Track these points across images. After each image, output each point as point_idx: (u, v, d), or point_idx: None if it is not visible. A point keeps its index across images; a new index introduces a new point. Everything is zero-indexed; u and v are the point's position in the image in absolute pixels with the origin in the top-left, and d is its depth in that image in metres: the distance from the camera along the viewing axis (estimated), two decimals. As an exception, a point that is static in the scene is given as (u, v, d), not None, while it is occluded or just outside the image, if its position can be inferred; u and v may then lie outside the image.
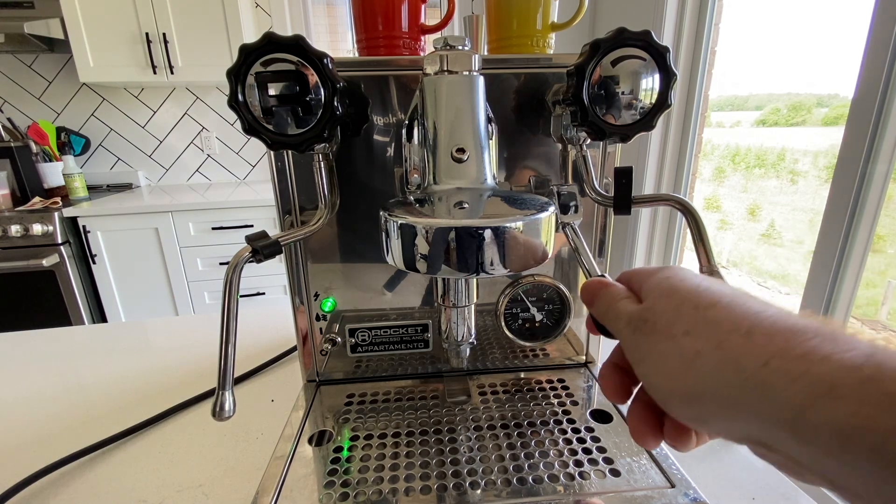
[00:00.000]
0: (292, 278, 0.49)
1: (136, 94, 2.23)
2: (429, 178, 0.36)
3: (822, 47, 1.37)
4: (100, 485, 0.43)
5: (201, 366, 0.64)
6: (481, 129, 0.36)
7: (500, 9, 0.47)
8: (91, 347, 0.71)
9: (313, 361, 0.52)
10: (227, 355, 0.32)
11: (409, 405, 0.49)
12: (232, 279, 0.33)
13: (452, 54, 0.35)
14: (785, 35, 1.48)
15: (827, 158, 1.45)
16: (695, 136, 1.64)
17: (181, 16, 1.86)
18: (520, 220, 0.30)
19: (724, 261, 2.03)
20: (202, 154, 2.36)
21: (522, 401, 0.49)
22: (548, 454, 0.41)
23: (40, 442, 0.49)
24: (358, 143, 0.45)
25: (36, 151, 1.97)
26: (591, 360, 0.56)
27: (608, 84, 0.37)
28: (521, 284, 0.51)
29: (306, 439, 0.43)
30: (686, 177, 1.70)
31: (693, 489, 0.36)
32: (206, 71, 1.95)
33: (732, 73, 1.60)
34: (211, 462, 0.46)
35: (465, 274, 0.30)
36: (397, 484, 0.38)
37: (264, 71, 0.33)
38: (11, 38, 1.82)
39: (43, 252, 1.74)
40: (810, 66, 1.45)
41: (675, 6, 1.55)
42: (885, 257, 1.17)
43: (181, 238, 1.90)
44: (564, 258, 0.52)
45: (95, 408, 0.55)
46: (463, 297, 0.40)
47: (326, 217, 0.41)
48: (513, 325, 0.53)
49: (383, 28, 0.45)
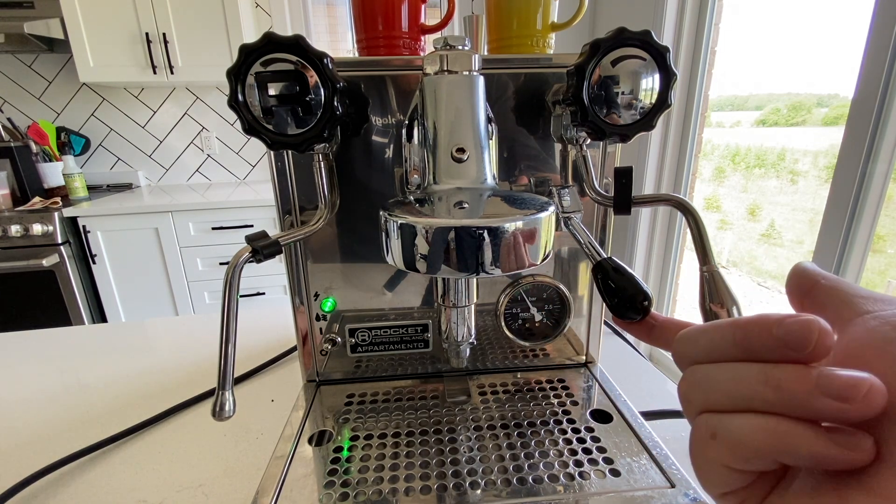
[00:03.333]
0: (292, 278, 0.49)
1: (136, 94, 2.23)
2: (429, 178, 0.36)
3: (822, 47, 1.37)
4: (100, 485, 0.43)
5: (201, 366, 0.64)
6: (481, 129, 0.36)
7: (500, 9, 0.47)
8: (91, 347, 0.71)
9: (313, 361, 0.52)
10: (227, 355, 0.32)
11: (409, 405, 0.49)
12: (232, 279, 0.33)
13: (452, 54, 0.35)
14: (785, 35, 1.48)
15: (827, 158, 1.45)
16: (695, 136, 1.64)
17: (181, 16, 1.86)
18: (520, 220, 0.30)
19: (724, 261, 2.03)
20: (202, 154, 2.36)
21: (522, 401, 0.49)
22: (548, 454, 0.41)
23: (40, 442, 0.49)
24: (358, 143, 0.45)
25: (36, 151, 1.97)
26: (591, 360, 0.56)
27: (608, 84, 0.37)
28: (521, 284, 0.51)
29: (306, 439, 0.43)
30: (686, 177, 1.70)
31: (693, 489, 0.36)
32: (206, 71, 1.95)
33: (732, 73, 1.60)
34: (211, 462, 0.46)
35: (465, 274, 0.30)
36: (397, 484, 0.38)
37: (264, 71, 0.33)
38: (11, 38, 1.82)
39: (43, 252, 1.74)
40: (810, 66, 1.45)
41: (675, 6, 1.55)
42: (885, 257, 1.17)
43: (181, 238, 1.89)
44: (564, 258, 0.52)
45: (95, 408, 0.55)
46: (463, 297, 0.40)
47: (326, 217, 0.41)
48: (513, 325, 0.53)
49: (383, 28, 0.45)
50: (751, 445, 0.13)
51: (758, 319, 0.14)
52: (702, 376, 0.15)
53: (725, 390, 0.15)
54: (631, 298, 0.31)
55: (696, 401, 0.16)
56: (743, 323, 0.15)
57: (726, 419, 0.14)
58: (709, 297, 0.32)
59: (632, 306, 0.31)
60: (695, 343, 0.16)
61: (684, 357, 0.17)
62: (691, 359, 0.16)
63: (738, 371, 0.14)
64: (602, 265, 0.34)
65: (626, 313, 0.31)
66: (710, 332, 0.16)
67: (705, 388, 0.15)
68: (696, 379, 0.16)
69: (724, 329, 0.15)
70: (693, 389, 0.16)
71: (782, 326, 0.13)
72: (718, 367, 0.15)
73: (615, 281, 0.33)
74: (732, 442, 0.14)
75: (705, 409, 0.15)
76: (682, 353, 0.17)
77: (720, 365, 0.15)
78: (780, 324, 0.13)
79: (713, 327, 0.16)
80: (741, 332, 0.15)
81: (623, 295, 0.31)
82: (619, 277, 0.33)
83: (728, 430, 0.14)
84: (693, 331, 0.16)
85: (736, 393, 0.14)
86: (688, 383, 0.16)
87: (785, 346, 0.13)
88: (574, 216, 0.43)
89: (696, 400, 0.16)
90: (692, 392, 0.16)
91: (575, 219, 0.43)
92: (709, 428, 0.15)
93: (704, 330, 0.16)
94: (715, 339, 0.15)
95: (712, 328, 0.16)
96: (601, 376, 0.53)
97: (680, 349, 0.17)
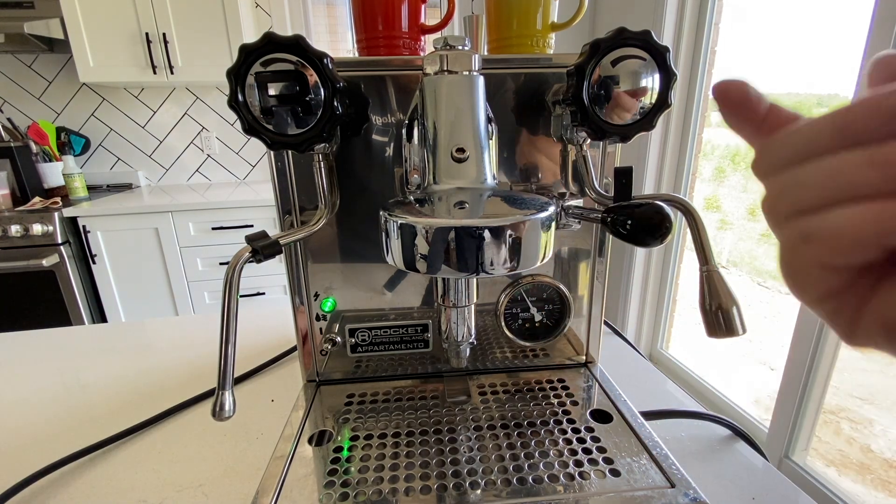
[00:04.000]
0: (292, 278, 0.49)
1: (136, 94, 2.23)
2: (429, 178, 0.36)
3: (822, 47, 1.37)
4: (100, 485, 0.43)
5: (201, 366, 0.64)
6: (481, 129, 0.36)
7: (500, 9, 0.47)
8: (91, 347, 0.71)
9: (313, 361, 0.52)
10: (227, 355, 0.32)
11: (409, 405, 0.49)
12: (232, 279, 0.33)
13: (452, 54, 0.35)
14: (785, 35, 1.48)
15: (827, 158, 1.44)
16: (695, 136, 1.64)
17: (181, 16, 1.86)
18: (520, 220, 0.30)
19: (724, 261, 2.03)
20: (202, 154, 2.36)
21: (522, 401, 0.49)
22: (548, 454, 0.41)
23: (40, 442, 0.49)
24: (358, 143, 0.45)
25: (36, 151, 1.97)
26: (591, 360, 0.56)
27: (608, 84, 0.37)
28: (521, 284, 0.51)
29: (306, 439, 0.43)
30: (686, 177, 1.70)
31: (693, 489, 0.36)
32: (206, 71, 1.95)
33: (732, 72, 1.60)
34: (211, 462, 0.46)
35: (465, 274, 0.30)
36: (397, 484, 0.38)
37: (264, 71, 0.33)
38: (11, 38, 1.82)
39: (43, 252, 1.74)
40: (810, 66, 1.45)
41: (675, 6, 1.55)
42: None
43: (181, 238, 1.89)
44: (564, 258, 0.52)
45: (95, 408, 0.55)
46: (463, 297, 0.40)
47: (326, 217, 0.41)
48: (513, 325, 0.53)
49: (383, 28, 0.45)
50: (852, 235, 0.12)
51: (861, 100, 0.12)
52: (791, 178, 0.13)
53: (821, 184, 0.13)
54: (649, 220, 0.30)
55: (783, 206, 0.14)
56: (845, 108, 0.12)
57: (821, 216, 0.13)
58: (709, 297, 0.32)
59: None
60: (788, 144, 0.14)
61: (773, 164, 0.14)
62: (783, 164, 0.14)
63: (836, 160, 0.12)
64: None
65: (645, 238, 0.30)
66: (806, 128, 0.13)
67: (796, 189, 0.13)
68: (785, 182, 0.14)
69: (823, 122, 0.13)
70: (781, 196, 0.14)
71: (892, 96, 0.11)
72: (813, 163, 0.13)
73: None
74: (831, 237, 0.12)
75: (796, 210, 0.13)
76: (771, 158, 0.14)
77: (815, 161, 0.13)
78: (889, 96, 0.12)
79: (810, 123, 0.13)
80: (842, 118, 0.12)
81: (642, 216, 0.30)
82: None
83: (825, 226, 0.13)
84: (787, 132, 0.14)
85: (833, 184, 0.12)
86: (775, 191, 0.14)
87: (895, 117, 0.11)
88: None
89: (785, 204, 0.14)
90: (780, 199, 0.14)
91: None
92: (801, 231, 0.13)
93: (800, 128, 0.13)
94: (811, 134, 0.13)
95: (809, 124, 0.13)
96: (601, 376, 0.53)
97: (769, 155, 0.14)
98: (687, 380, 1.74)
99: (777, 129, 0.14)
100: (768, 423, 1.35)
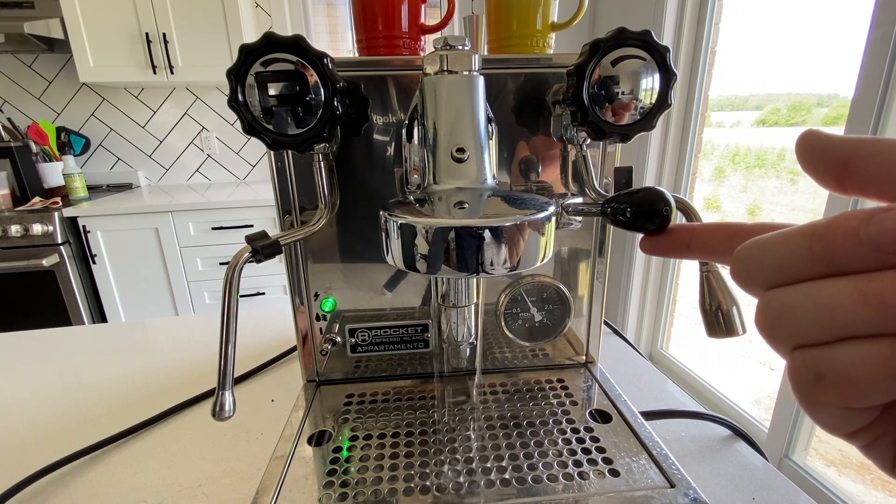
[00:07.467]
0: (292, 278, 0.49)
1: (136, 94, 2.23)
2: (429, 178, 0.36)
3: (822, 47, 1.37)
4: (100, 485, 0.43)
5: (201, 366, 0.64)
6: (481, 129, 0.36)
7: (500, 9, 0.47)
8: (91, 347, 0.71)
9: (313, 361, 0.52)
10: (227, 355, 0.32)
11: (408, 405, 0.49)
12: (232, 279, 0.33)
13: (452, 54, 0.35)
14: (785, 35, 1.48)
15: (827, 158, 1.44)
16: (695, 136, 1.64)
17: (181, 16, 1.87)
18: (520, 220, 0.30)
19: (724, 261, 2.03)
20: (202, 154, 2.36)
21: (522, 401, 0.49)
22: (547, 454, 0.41)
23: (40, 442, 0.49)
24: (358, 143, 0.45)
25: (36, 151, 1.97)
26: (591, 360, 0.56)
27: (608, 84, 0.37)
28: (521, 284, 0.51)
29: (306, 439, 0.43)
30: (686, 177, 1.70)
31: (693, 489, 0.36)
32: (206, 71, 1.95)
33: (732, 73, 1.60)
34: (211, 462, 0.46)
35: (465, 274, 0.30)
36: (397, 484, 0.38)
37: (264, 71, 0.33)
38: (11, 38, 1.82)
39: (43, 252, 1.74)
40: (810, 66, 1.45)
41: (675, 6, 1.55)
42: (885, 257, 1.16)
43: (181, 238, 1.89)
44: (564, 258, 0.52)
45: (95, 408, 0.55)
46: (463, 298, 0.40)
47: (326, 217, 0.41)
48: (513, 325, 0.53)
49: (383, 28, 0.45)
50: (866, 380, 0.11)
51: (837, 223, 0.12)
52: (782, 306, 0.13)
53: (815, 319, 0.12)
54: (650, 204, 0.28)
55: (782, 336, 0.13)
56: (820, 231, 0.12)
57: (828, 354, 0.12)
58: (709, 297, 0.32)
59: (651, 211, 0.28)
60: (761, 262, 0.13)
61: (750, 279, 0.14)
62: (760, 281, 0.13)
63: (824, 292, 0.12)
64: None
65: (644, 224, 0.28)
66: (779, 246, 0.13)
67: (790, 319, 0.13)
68: (776, 309, 0.13)
69: (795, 241, 0.12)
70: (776, 323, 0.13)
71: (872, 225, 0.11)
72: (799, 290, 0.12)
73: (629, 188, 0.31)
74: (843, 381, 0.12)
75: (797, 345, 0.13)
76: (747, 274, 0.14)
77: (801, 288, 0.12)
78: (867, 222, 0.11)
79: (780, 241, 0.13)
80: (819, 245, 0.12)
81: (641, 201, 0.29)
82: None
83: (834, 369, 0.12)
84: (755, 247, 0.13)
85: (830, 320, 0.12)
86: (767, 315, 0.13)
87: (878, 249, 0.11)
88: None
89: (783, 335, 0.13)
90: (776, 327, 0.13)
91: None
92: (810, 369, 0.12)
93: (771, 245, 0.13)
94: (786, 255, 0.13)
95: (780, 242, 0.13)
96: (601, 376, 0.53)
97: (743, 270, 0.14)
98: (687, 380, 1.74)
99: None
100: (768, 423, 1.35)
